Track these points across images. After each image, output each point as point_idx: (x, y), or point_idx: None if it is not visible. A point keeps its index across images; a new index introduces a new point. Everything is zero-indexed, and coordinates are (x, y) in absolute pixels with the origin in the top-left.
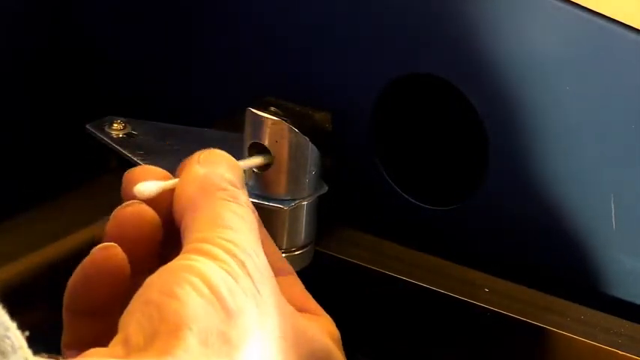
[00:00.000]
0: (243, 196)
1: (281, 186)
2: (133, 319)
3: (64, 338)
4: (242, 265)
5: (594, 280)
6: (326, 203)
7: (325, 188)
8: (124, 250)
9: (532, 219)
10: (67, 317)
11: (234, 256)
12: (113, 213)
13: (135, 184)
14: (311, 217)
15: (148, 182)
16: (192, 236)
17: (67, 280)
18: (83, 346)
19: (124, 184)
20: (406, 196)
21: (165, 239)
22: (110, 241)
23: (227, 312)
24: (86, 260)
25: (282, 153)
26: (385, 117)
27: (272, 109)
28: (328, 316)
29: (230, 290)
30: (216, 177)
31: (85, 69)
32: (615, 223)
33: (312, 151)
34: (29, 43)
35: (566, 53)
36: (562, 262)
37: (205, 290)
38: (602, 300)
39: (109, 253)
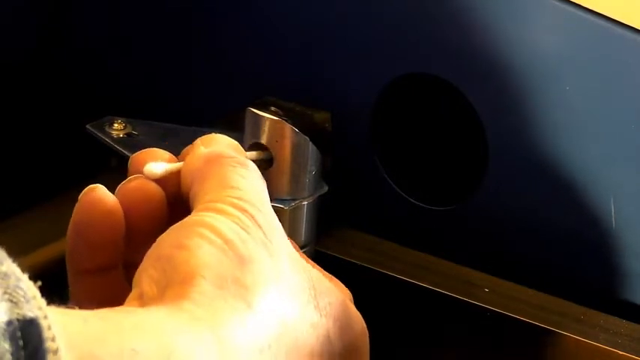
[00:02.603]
0: (250, 162)
1: (281, 186)
2: (145, 275)
3: (70, 267)
4: (252, 218)
5: (594, 280)
6: (326, 203)
7: (325, 188)
8: (129, 226)
9: (532, 219)
10: (72, 279)
11: (244, 210)
12: (117, 188)
13: (141, 165)
14: (311, 217)
15: (157, 163)
16: (201, 200)
17: (67, 279)
18: (92, 274)
19: (130, 167)
20: (406, 196)
21: (172, 221)
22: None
23: (240, 258)
24: (75, 208)
25: (282, 153)
26: (385, 117)
27: (272, 109)
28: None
29: (241, 239)
30: (220, 149)
31: (85, 69)
32: (615, 223)
33: (312, 151)
34: (29, 42)
35: (566, 53)
36: (562, 262)
37: (217, 239)
38: (602, 300)
39: (96, 193)
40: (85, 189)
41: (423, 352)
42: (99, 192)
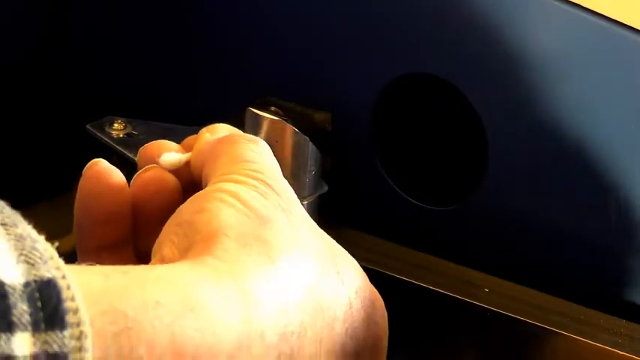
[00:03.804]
0: (261, 140)
1: None
2: (166, 241)
3: (79, 246)
4: (269, 186)
5: (594, 280)
6: (326, 203)
7: (325, 188)
8: (146, 215)
9: (532, 219)
10: (81, 259)
11: (261, 180)
12: (133, 178)
13: (152, 157)
14: (311, 217)
15: (170, 153)
16: (215, 175)
17: None
18: (101, 251)
19: (140, 159)
20: (406, 196)
21: None
22: (132, 206)
23: (261, 219)
24: (80, 184)
25: (282, 153)
26: (385, 117)
27: (272, 109)
28: None
29: (261, 203)
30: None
31: (85, 69)
32: (615, 222)
33: (312, 151)
34: (29, 42)
35: (566, 53)
36: (562, 262)
37: (236, 202)
38: (602, 300)
39: (99, 167)
40: (88, 163)
41: (423, 352)
42: (102, 165)
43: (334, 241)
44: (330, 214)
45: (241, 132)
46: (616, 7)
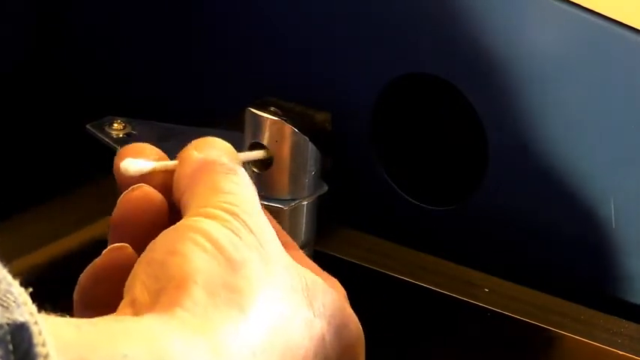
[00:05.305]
0: (241, 169)
1: (281, 186)
2: (137, 281)
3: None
4: (244, 222)
5: (594, 280)
6: (326, 203)
7: (325, 188)
8: (132, 235)
9: (532, 219)
10: (78, 309)
11: (235, 215)
12: (120, 198)
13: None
14: (311, 217)
15: (136, 160)
16: (192, 205)
17: (67, 279)
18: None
19: (115, 161)
20: (406, 196)
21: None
22: (118, 226)
23: (231, 264)
24: (97, 262)
25: (282, 153)
26: (385, 117)
27: (272, 109)
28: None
29: (233, 244)
30: (213, 156)
31: (85, 69)
32: (615, 223)
33: (312, 151)
34: (30, 42)
35: (566, 53)
36: (562, 262)
37: (208, 245)
38: (602, 300)
39: (121, 253)
40: (112, 247)
41: (423, 352)
42: (124, 251)
43: (308, 270)
44: (330, 214)
45: (231, 147)
46: (616, 7)
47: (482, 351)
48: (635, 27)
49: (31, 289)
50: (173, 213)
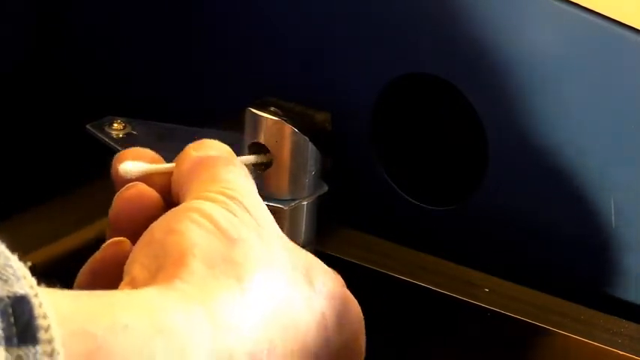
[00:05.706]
0: (238, 161)
1: (281, 186)
2: (136, 263)
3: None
4: (240, 203)
5: (594, 280)
6: (326, 203)
7: (325, 188)
8: (130, 232)
9: (532, 219)
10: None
11: (234, 198)
12: (115, 196)
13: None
14: (311, 217)
15: (135, 162)
16: (190, 194)
17: (67, 279)
18: None
19: (112, 164)
20: (406, 196)
21: None
22: (115, 223)
23: (230, 240)
24: (96, 256)
25: (282, 153)
26: (385, 117)
27: (272, 109)
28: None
29: (231, 223)
30: (212, 154)
31: (85, 69)
32: (615, 222)
33: (312, 151)
34: (30, 42)
35: (566, 53)
36: (562, 262)
37: (206, 222)
38: (602, 300)
39: (120, 247)
40: (111, 241)
41: (423, 352)
42: (122, 246)
43: (308, 253)
44: (330, 214)
45: (229, 149)
46: (616, 7)
47: (482, 351)
48: (635, 27)
49: (29, 263)
50: None
